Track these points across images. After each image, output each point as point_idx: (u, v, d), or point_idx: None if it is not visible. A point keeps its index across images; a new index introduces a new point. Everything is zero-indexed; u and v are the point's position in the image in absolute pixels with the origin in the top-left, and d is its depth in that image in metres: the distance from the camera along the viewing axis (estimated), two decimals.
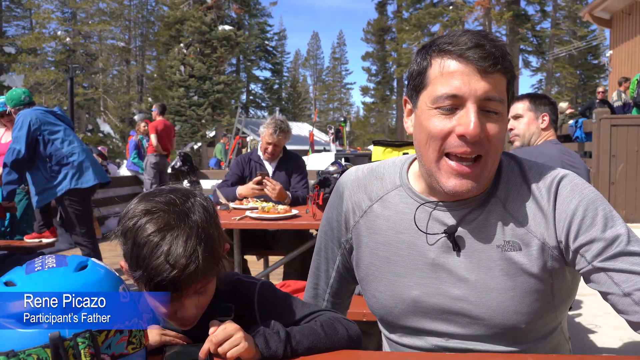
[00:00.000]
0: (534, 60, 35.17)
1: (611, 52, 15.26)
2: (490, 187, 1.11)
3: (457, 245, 1.09)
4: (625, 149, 6.99)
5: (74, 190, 4.10)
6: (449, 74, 1.01)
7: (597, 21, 15.38)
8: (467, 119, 1.00)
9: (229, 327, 0.99)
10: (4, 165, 3.97)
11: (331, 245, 1.29)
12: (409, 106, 1.13)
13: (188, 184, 8.56)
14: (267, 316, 1.10)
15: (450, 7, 31.88)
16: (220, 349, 0.97)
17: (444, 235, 1.09)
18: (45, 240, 4.43)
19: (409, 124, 1.14)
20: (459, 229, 1.09)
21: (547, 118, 2.70)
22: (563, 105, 11.65)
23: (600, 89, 11.62)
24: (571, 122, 10.09)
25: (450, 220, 1.10)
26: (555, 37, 33.77)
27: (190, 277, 0.95)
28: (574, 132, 9.93)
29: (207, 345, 0.98)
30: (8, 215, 4.93)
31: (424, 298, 1.12)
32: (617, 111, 10.01)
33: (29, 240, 4.44)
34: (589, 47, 33.22)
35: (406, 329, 1.17)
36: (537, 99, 2.76)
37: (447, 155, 1.04)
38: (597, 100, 11.07)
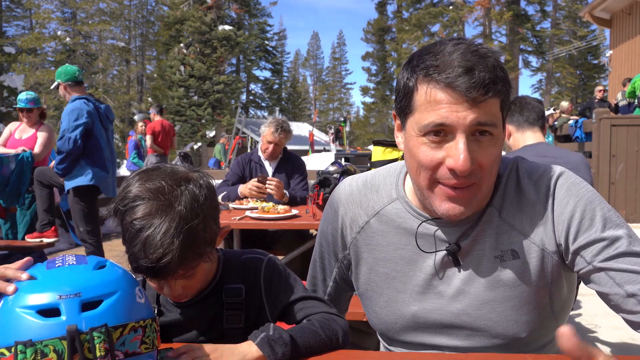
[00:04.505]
0: (534, 60, 35.17)
1: (611, 52, 15.26)
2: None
3: (457, 261, 1.07)
4: (625, 149, 6.99)
5: (92, 187, 4.20)
6: (436, 102, 0.95)
7: (597, 21, 15.38)
8: (457, 152, 0.94)
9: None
10: (59, 152, 4.08)
11: (327, 257, 1.27)
12: (398, 121, 1.09)
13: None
14: (270, 292, 1.15)
15: (450, 7, 31.84)
16: None
17: (444, 252, 1.07)
18: (46, 240, 4.42)
19: (400, 139, 1.10)
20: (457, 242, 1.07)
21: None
22: (564, 104, 11.64)
23: (599, 88, 11.60)
24: (571, 122, 10.09)
25: (450, 236, 1.07)
26: (555, 37, 33.76)
27: (166, 267, 0.97)
28: (574, 132, 9.93)
29: None
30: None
31: (424, 314, 1.10)
32: (622, 111, 10.01)
33: (30, 239, 4.43)
34: (589, 47, 33.21)
35: (407, 344, 1.16)
36: None
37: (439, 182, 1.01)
38: (597, 100, 11.06)
